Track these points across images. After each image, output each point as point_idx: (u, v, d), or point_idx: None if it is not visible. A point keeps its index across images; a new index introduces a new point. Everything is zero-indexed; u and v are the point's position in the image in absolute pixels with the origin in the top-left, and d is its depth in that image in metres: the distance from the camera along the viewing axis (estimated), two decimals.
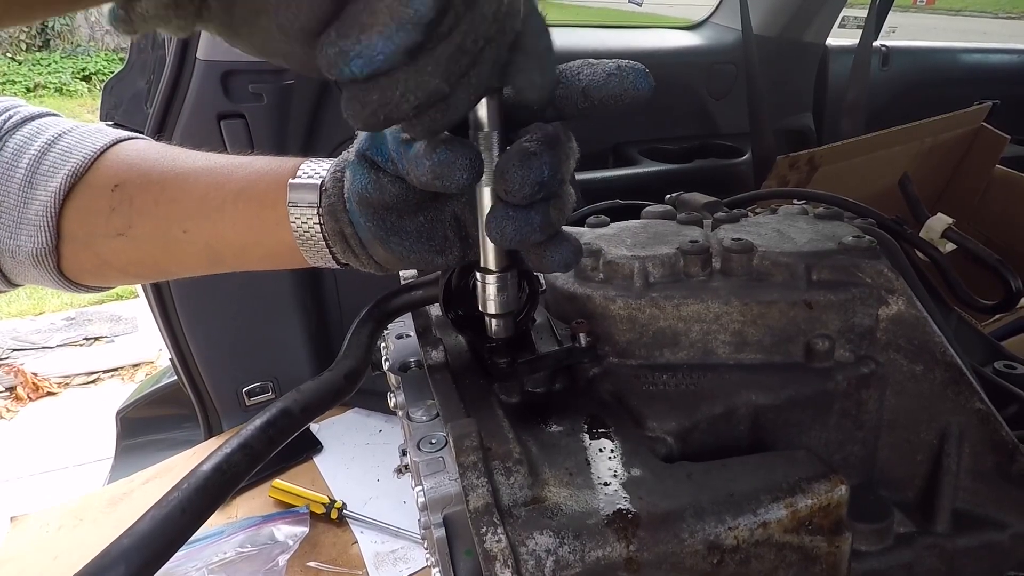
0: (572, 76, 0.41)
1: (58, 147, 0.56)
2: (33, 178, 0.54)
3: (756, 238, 0.54)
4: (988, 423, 0.50)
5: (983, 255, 0.84)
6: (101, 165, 0.56)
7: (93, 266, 0.58)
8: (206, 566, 1.02)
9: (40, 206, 0.54)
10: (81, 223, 0.55)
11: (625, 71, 0.40)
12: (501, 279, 0.44)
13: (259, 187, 0.53)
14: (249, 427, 0.39)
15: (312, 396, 0.42)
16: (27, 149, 0.55)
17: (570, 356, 0.48)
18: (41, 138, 0.56)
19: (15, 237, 0.55)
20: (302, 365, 1.39)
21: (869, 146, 1.39)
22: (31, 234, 0.54)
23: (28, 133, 0.56)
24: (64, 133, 0.57)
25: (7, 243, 0.55)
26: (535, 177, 0.38)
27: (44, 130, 0.57)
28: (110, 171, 0.56)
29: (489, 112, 0.38)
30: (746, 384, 0.48)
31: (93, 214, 0.55)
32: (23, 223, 0.54)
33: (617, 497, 0.38)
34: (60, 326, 3.36)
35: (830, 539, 0.40)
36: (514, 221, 0.39)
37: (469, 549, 0.37)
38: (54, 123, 0.58)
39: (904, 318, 0.49)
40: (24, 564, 1.08)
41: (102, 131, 0.58)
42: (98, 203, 0.55)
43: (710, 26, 1.95)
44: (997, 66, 2.32)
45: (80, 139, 0.57)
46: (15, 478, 2.39)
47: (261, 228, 0.53)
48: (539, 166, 0.38)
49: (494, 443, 0.40)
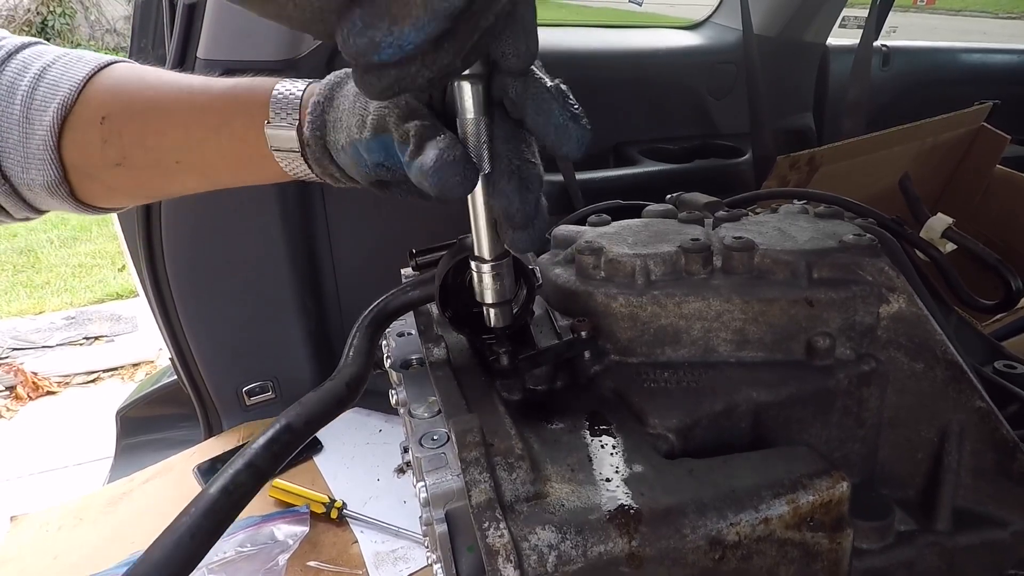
0: (536, 104, 0.42)
1: (46, 80, 0.57)
2: (29, 113, 0.56)
3: (757, 236, 0.54)
4: (989, 421, 0.50)
5: (983, 255, 0.84)
6: (87, 96, 0.57)
7: (102, 192, 0.61)
8: (206, 566, 1.02)
9: (40, 140, 0.56)
10: (80, 154, 0.58)
11: (570, 132, 0.41)
12: (497, 267, 0.45)
13: (236, 126, 0.55)
14: (253, 445, 0.38)
15: (315, 408, 0.42)
16: (19, 84, 0.56)
17: (571, 348, 0.48)
18: (30, 72, 0.57)
19: (26, 171, 0.57)
20: (302, 365, 1.39)
21: (869, 146, 1.39)
22: (39, 168, 0.57)
23: (17, 67, 0.57)
24: (50, 65, 0.58)
25: (21, 177, 0.57)
26: (534, 199, 0.42)
27: (31, 63, 0.58)
28: (95, 102, 0.57)
29: (475, 99, 0.40)
30: (747, 381, 0.48)
31: (88, 146, 0.57)
32: (30, 158, 0.57)
33: (619, 493, 0.38)
34: (60, 325, 3.35)
35: (831, 535, 0.40)
36: (528, 235, 0.43)
37: (471, 545, 0.37)
38: (40, 53, 0.59)
39: (905, 316, 0.49)
40: (24, 564, 1.08)
41: (83, 59, 0.59)
42: (90, 135, 0.57)
43: (710, 26, 1.95)
44: (997, 66, 2.32)
45: (64, 70, 0.58)
46: (15, 478, 2.38)
47: (248, 162, 0.57)
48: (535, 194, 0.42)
49: (496, 439, 0.40)
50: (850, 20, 3.36)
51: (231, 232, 1.25)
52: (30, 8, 7.97)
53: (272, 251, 1.27)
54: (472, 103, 0.40)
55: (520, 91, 0.41)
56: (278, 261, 1.28)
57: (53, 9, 8.15)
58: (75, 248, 4.34)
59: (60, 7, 8.20)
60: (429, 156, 0.39)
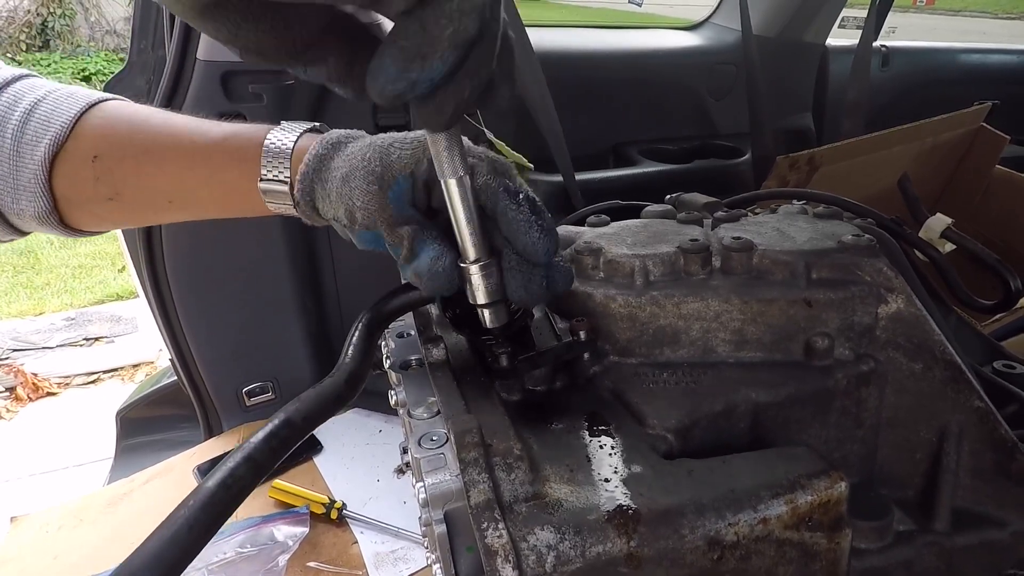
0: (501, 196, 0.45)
1: (36, 117, 0.58)
2: (19, 147, 0.57)
3: (756, 237, 0.54)
4: (987, 421, 0.50)
5: (982, 255, 0.84)
6: (79, 134, 0.58)
7: (92, 220, 0.62)
8: (206, 566, 1.02)
9: (31, 174, 0.57)
10: (71, 188, 0.58)
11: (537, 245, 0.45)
12: (485, 267, 0.45)
13: (229, 178, 0.57)
14: (252, 440, 0.38)
15: (313, 404, 0.42)
16: (8, 119, 0.57)
17: (570, 350, 0.49)
18: (20, 107, 0.58)
19: (16, 202, 0.58)
20: (302, 365, 1.39)
21: (869, 146, 1.39)
22: (29, 199, 0.58)
23: (7, 102, 0.58)
24: (40, 100, 0.58)
25: (11, 207, 0.59)
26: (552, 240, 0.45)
27: (21, 97, 0.58)
28: (87, 141, 0.58)
29: (463, 198, 0.43)
30: (746, 382, 0.48)
31: (80, 181, 0.58)
32: (20, 189, 0.58)
33: (618, 493, 0.38)
34: (60, 326, 3.35)
35: (830, 535, 0.40)
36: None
37: (470, 545, 0.37)
38: (31, 87, 0.60)
39: (903, 316, 0.49)
40: (24, 564, 1.08)
41: (74, 95, 0.60)
42: (82, 172, 0.58)
43: (710, 26, 1.95)
44: (997, 66, 2.32)
45: (55, 106, 0.58)
46: (15, 478, 2.38)
47: (241, 206, 0.58)
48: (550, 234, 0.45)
49: (495, 440, 0.40)
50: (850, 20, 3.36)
51: (231, 233, 1.25)
52: (30, 9, 7.97)
53: (272, 251, 1.27)
54: (460, 201, 0.43)
55: (491, 203, 0.45)
56: (278, 261, 1.28)
57: (53, 10, 8.14)
58: (75, 249, 4.34)
59: (60, 8, 8.19)
60: (423, 264, 0.45)
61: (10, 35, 7.76)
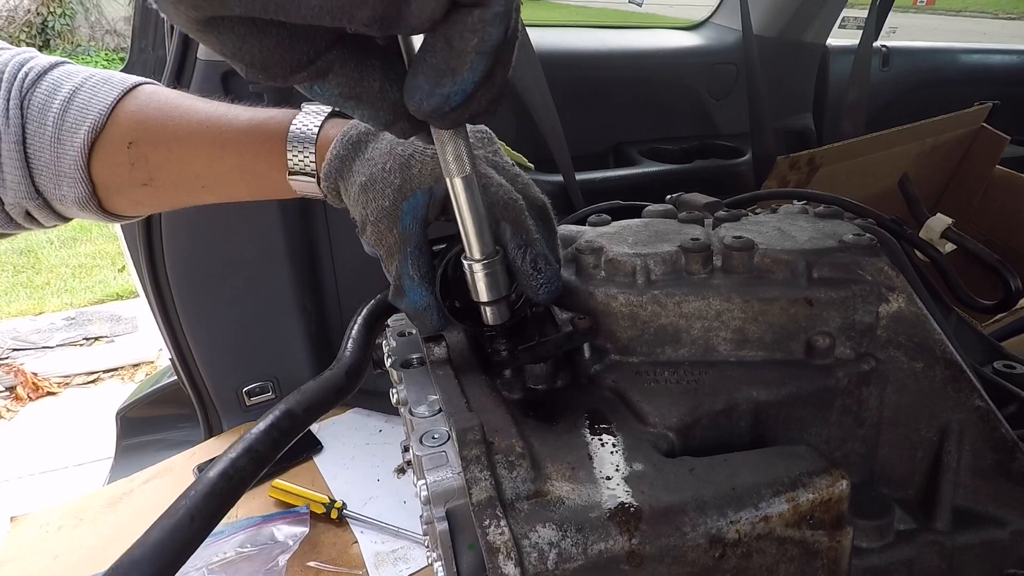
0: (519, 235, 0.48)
1: (76, 104, 0.60)
2: (60, 135, 0.59)
3: (757, 236, 0.54)
4: (988, 420, 0.50)
5: (983, 255, 0.84)
6: (115, 120, 0.61)
7: (130, 205, 0.65)
8: (206, 566, 1.02)
9: (71, 160, 0.59)
10: (109, 174, 0.61)
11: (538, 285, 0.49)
12: (489, 265, 0.45)
13: (259, 168, 0.60)
14: (253, 431, 0.39)
15: (314, 396, 0.42)
16: (50, 107, 0.60)
17: (570, 340, 0.48)
18: (60, 94, 0.60)
19: (58, 188, 0.61)
20: (302, 365, 1.39)
21: (869, 146, 1.39)
22: (70, 185, 0.60)
23: (47, 89, 0.60)
24: (79, 87, 0.61)
25: (53, 192, 0.61)
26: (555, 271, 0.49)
27: (61, 85, 0.61)
28: (123, 128, 0.61)
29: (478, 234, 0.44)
30: (747, 381, 0.48)
31: (117, 167, 0.61)
32: (61, 176, 0.60)
33: (619, 491, 0.38)
34: (60, 326, 3.36)
35: (831, 534, 0.40)
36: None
37: (472, 543, 0.37)
38: (68, 74, 0.62)
39: (904, 315, 0.49)
40: (24, 564, 1.08)
41: (109, 81, 0.62)
42: (118, 158, 0.60)
43: (710, 26, 1.95)
44: (997, 67, 2.32)
45: (93, 93, 0.61)
46: (15, 478, 2.39)
47: (272, 191, 0.62)
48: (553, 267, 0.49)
49: (497, 437, 0.41)
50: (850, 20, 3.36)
51: (231, 232, 1.25)
52: (30, 9, 7.97)
53: (272, 251, 1.27)
54: (466, 200, 0.43)
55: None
56: (278, 261, 1.28)
57: (53, 10, 8.15)
58: (75, 249, 4.34)
59: (60, 8, 8.19)
60: (408, 306, 0.49)
61: (10, 35, 7.76)
